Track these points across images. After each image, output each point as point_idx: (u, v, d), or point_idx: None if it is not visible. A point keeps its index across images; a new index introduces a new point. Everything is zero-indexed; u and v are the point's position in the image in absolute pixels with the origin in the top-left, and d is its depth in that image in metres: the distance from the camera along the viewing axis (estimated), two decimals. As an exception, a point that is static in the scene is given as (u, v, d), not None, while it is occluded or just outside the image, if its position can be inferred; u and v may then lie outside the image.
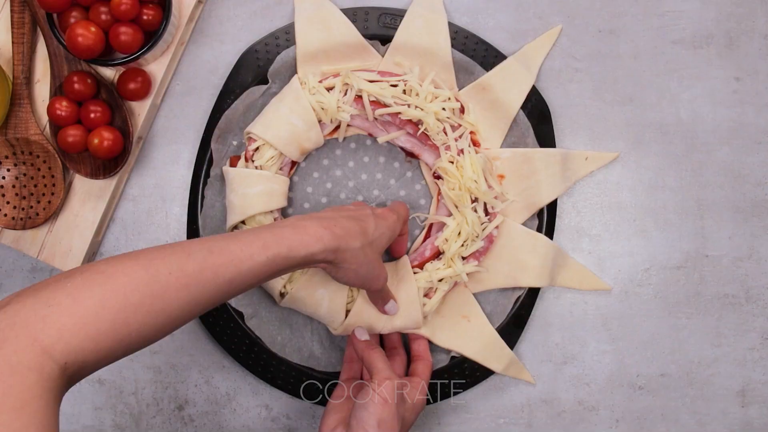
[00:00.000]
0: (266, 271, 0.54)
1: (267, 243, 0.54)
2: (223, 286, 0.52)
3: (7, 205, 0.70)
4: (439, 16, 0.71)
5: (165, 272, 0.49)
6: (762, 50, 0.73)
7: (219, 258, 0.51)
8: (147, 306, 0.48)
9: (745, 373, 0.73)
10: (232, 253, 0.52)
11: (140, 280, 0.48)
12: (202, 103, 0.74)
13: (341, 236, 0.57)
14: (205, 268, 0.51)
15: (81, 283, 0.47)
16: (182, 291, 0.50)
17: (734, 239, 0.73)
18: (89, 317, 0.45)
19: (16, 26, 0.69)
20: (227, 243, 0.53)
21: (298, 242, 0.55)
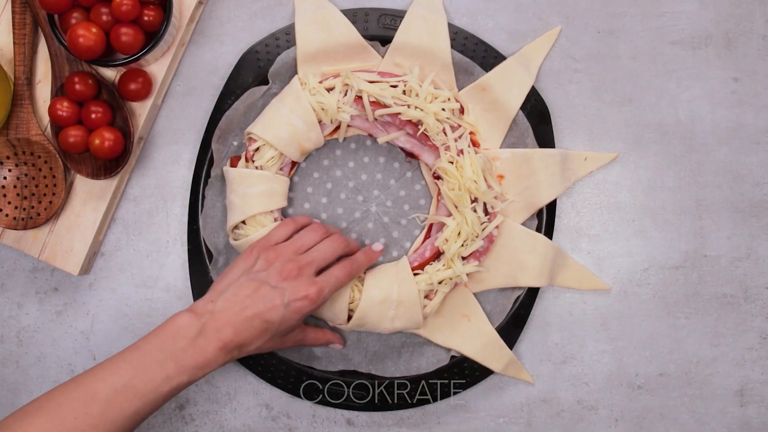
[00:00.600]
0: (170, 396, 0.58)
1: (170, 374, 0.57)
2: (130, 417, 0.56)
3: (9, 206, 0.70)
4: (439, 16, 0.71)
5: (71, 418, 0.54)
6: (760, 51, 0.73)
7: (123, 395, 0.56)
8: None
9: (744, 372, 0.73)
10: (136, 388, 0.56)
11: None
12: (203, 104, 0.74)
13: (241, 345, 0.60)
14: (111, 407, 0.56)
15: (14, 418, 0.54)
16: (90, 431, 0.55)
17: (733, 239, 0.73)
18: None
19: (17, 27, 0.70)
20: (131, 378, 0.57)
21: (199, 367, 0.58)
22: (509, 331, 0.72)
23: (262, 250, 0.64)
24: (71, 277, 0.74)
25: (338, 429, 0.74)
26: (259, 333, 0.60)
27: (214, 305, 0.60)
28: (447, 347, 0.71)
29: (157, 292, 0.74)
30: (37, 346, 0.74)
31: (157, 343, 0.58)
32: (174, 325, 0.59)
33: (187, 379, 0.58)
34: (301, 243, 0.65)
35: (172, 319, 0.59)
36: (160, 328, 0.59)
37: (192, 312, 0.60)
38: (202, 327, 0.59)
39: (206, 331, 0.59)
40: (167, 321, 0.60)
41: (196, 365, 0.58)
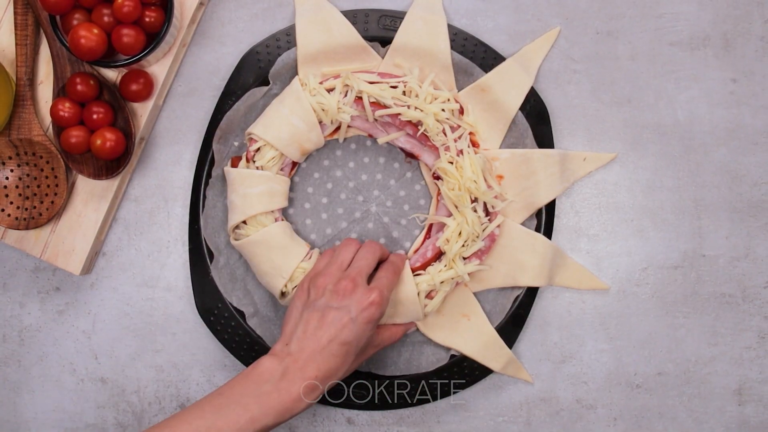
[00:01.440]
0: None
1: (254, 416, 0.57)
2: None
3: (11, 206, 0.70)
4: (439, 17, 0.72)
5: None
6: (758, 52, 0.74)
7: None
8: None
9: (742, 371, 0.73)
10: (220, 430, 0.56)
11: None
12: (204, 104, 0.74)
13: (326, 377, 0.60)
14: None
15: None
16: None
17: (731, 239, 0.74)
18: None
19: (19, 28, 0.70)
20: (215, 420, 0.56)
21: (285, 409, 0.58)
22: (509, 331, 0.72)
23: (311, 281, 0.64)
24: (73, 276, 0.75)
25: (338, 428, 0.74)
26: (342, 358, 0.60)
27: (289, 348, 0.60)
28: (447, 346, 0.72)
29: (158, 292, 0.74)
30: (38, 345, 0.75)
31: (241, 387, 0.58)
32: (258, 369, 0.59)
33: (272, 421, 0.57)
34: (342, 260, 0.65)
35: (255, 365, 0.59)
36: (243, 374, 0.59)
37: (274, 356, 0.60)
38: (285, 369, 0.59)
39: (289, 372, 0.58)
40: (251, 366, 0.59)
41: (282, 407, 0.57)
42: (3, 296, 0.75)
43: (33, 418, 0.75)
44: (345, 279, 0.62)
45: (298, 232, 0.73)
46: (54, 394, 0.75)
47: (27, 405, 0.75)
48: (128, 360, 0.74)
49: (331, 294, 0.62)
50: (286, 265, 0.68)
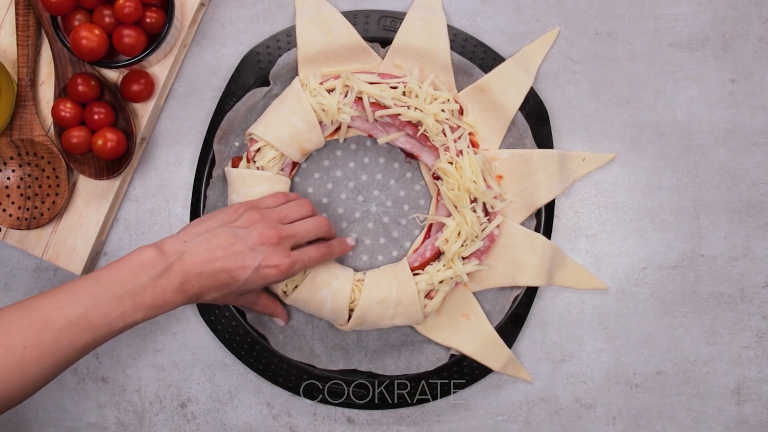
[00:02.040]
0: (121, 332, 0.57)
1: (126, 312, 0.56)
2: (79, 349, 0.55)
3: (12, 206, 0.70)
4: (439, 18, 0.72)
5: (21, 346, 0.53)
6: (757, 52, 0.74)
7: (77, 327, 0.55)
8: (3, 378, 0.53)
9: (740, 371, 0.74)
10: (90, 321, 0.55)
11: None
12: (205, 105, 0.74)
13: (196, 295, 0.59)
14: (61, 338, 0.54)
15: None
16: (37, 361, 0.54)
17: (729, 239, 0.74)
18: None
19: (21, 29, 0.70)
20: (87, 310, 0.55)
21: (156, 307, 0.57)
22: (508, 330, 0.72)
23: (248, 209, 0.64)
24: (74, 276, 0.75)
25: (338, 427, 0.74)
26: (221, 286, 0.60)
27: (184, 246, 0.59)
28: (446, 346, 0.72)
29: (159, 292, 0.75)
30: (40, 344, 0.75)
31: (119, 276, 0.56)
32: (139, 259, 0.57)
33: (142, 317, 0.57)
34: (287, 213, 0.65)
35: (137, 252, 0.58)
36: (123, 260, 0.57)
37: (159, 249, 0.58)
38: (167, 267, 0.57)
39: (170, 273, 0.57)
40: (132, 253, 0.58)
41: (154, 305, 0.57)
42: (4, 296, 0.75)
43: (34, 417, 0.75)
44: (274, 230, 0.62)
45: (299, 232, 0.73)
46: (55, 393, 0.75)
47: (28, 404, 0.75)
48: (129, 359, 0.75)
49: (256, 233, 0.61)
50: (287, 265, 0.68)
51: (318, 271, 0.68)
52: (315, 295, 0.68)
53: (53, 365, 0.54)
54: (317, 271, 0.68)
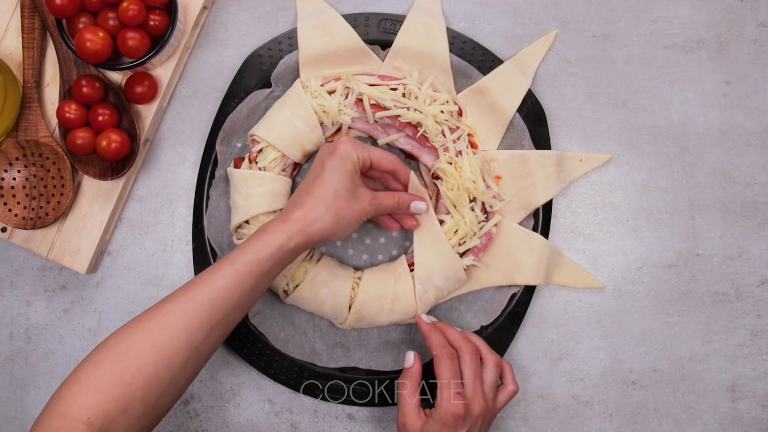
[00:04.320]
0: (246, 279, 0.59)
1: (233, 257, 0.59)
2: (207, 306, 0.58)
3: (18, 206, 0.71)
4: (438, 21, 0.73)
5: (145, 321, 0.57)
6: (751, 54, 0.75)
7: (192, 289, 0.58)
8: (136, 350, 0.56)
9: (735, 368, 0.75)
10: (203, 280, 0.59)
11: (125, 335, 0.57)
12: (207, 106, 0.75)
13: (299, 218, 0.61)
14: (181, 300, 0.58)
15: (86, 361, 0.56)
16: (165, 327, 0.57)
17: (724, 238, 0.75)
18: (91, 382, 0.55)
19: (26, 31, 0.71)
20: (199, 275, 0.60)
21: (260, 245, 0.60)
22: (506, 329, 0.73)
23: None
24: (79, 275, 0.76)
25: (339, 424, 0.75)
26: (317, 182, 0.62)
27: (295, 222, 0.62)
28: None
29: (162, 290, 0.75)
30: (45, 343, 0.76)
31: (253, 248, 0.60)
32: (264, 235, 0.61)
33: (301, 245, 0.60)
34: None
35: (262, 227, 0.62)
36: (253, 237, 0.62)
37: (282, 221, 0.62)
38: (288, 236, 0.61)
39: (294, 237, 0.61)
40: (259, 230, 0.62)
41: (284, 235, 0.60)
42: (10, 295, 0.76)
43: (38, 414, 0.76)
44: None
45: (300, 231, 0.74)
46: (60, 390, 0.76)
47: (34, 402, 0.76)
48: (133, 357, 0.76)
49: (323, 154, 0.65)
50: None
51: (318, 270, 0.69)
52: (315, 294, 0.69)
53: (181, 329, 0.57)
54: (318, 270, 0.69)
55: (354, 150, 0.63)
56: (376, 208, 0.65)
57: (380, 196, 0.65)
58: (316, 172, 0.63)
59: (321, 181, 0.62)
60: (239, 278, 0.58)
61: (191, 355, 0.57)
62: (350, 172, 0.63)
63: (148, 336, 0.56)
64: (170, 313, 0.57)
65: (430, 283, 0.69)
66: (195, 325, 0.57)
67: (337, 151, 0.63)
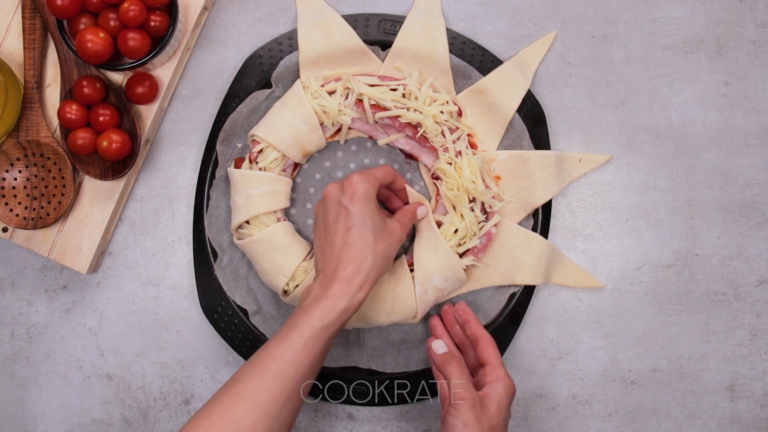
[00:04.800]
0: (315, 347, 0.59)
1: (299, 327, 0.59)
2: (277, 380, 0.57)
3: (19, 206, 0.72)
4: (438, 22, 0.73)
5: (219, 406, 0.56)
6: (750, 55, 0.75)
7: (260, 364, 0.58)
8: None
9: (734, 368, 0.75)
10: (270, 353, 0.58)
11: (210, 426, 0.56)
12: (208, 107, 0.75)
13: (354, 275, 0.61)
14: (251, 379, 0.57)
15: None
16: (238, 406, 0.56)
17: (723, 238, 0.75)
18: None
19: (27, 32, 0.71)
20: (266, 347, 0.59)
21: (326, 311, 0.59)
22: (506, 328, 0.73)
23: (322, 199, 0.66)
24: (80, 275, 0.76)
25: (339, 423, 0.75)
26: (356, 243, 0.62)
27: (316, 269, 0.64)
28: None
29: (163, 290, 0.76)
30: (46, 342, 0.76)
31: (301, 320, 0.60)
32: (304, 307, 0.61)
33: (329, 315, 0.59)
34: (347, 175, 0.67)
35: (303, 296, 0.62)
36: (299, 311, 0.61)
37: (321, 297, 0.61)
38: (318, 282, 0.62)
39: (323, 279, 0.62)
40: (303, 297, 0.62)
41: (324, 312, 0.60)
42: (11, 294, 0.76)
43: (41, 413, 0.76)
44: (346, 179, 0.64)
45: (300, 231, 0.74)
46: (61, 390, 0.76)
47: (35, 401, 0.76)
48: (134, 357, 0.76)
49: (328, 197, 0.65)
50: (288, 264, 0.69)
51: (318, 270, 0.69)
52: (316, 294, 0.69)
53: (254, 405, 0.56)
54: (318, 270, 0.69)
55: (370, 185, 0.64)
56: (406, 230, 0.67)
57: (404, 219, 0.67)
58: (348, 224, 0.62)
59: (358, 231, 0.62)
60: (309, 347, 0.58)
61: (272, 426, 0.56)
62: (375, 209, 0.64)
63: (222, 416, 0.55)
64: (242, 391, 0.56)
65: (429, 284, 0.69)
66: (269, 397, 0.56)
67: (357, 193, 0.63)
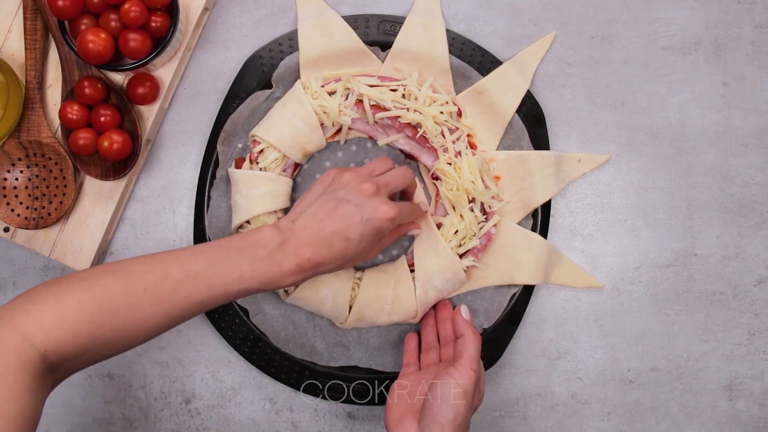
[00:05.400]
0: (236, 297, 0.58)
1: (243, 275, 0.57)
2: (195, 306, 0.57)
3: (20, 206, 0.72)
4: (437, 23, 0.73)
5: (141, 288, 0.55)
6: (749, 56, 0.75)
7: (194, 283, 0.56)
8: (120, 313, 0.54)
9: (732, 367, 0.75)
10: (208, 279, 0.57)
11: (117, 291, 0.55)
12: (209, 107, 0.76)
13: (317, 264, 0.59)
14: (179, 289, 0.56)
15: (64, 287, 0.53)
16: (155, 306, 0.55)
17: (722, 238, 0.75)
18: (68, 315, 0.52)
19: (28, 33, 0.71)
20: (206, 269, 0.57)
21: (271, 278, 0.58)
22: (505, 328, 0.74)
23: (336, 173, 0.64)
24: (80, 275, 0.76)
25: (340, 422, 0.76)
26: (339, 252, 0.59)
27: (294, 224, 0.60)
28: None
29: (163, 290, 0.76)
30: (47, 342, 0.76)
31: (238, 245, 0.58)
32: (257, 235, 0.59)
33: (257, 286, 0.58)
34: (373, 167, 0.65)
35: (256, 230, 0.60)
36: (242, 235, 0.59)
37: (275, 227, 0.60)
38: (282, 242, 0.58)
39: (286, 247, 0.58)
40: (251, 230, 0.60)
41: (270, 277, 0.58)
42: (13, 294, 0.76)
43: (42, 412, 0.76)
44: (370, 182, 0.62)
45: (301, 231, 0.74)
46: (62, 389, 0.76)
47: (36, 400, 0.76)
48: (134, 356, 0.76)
49: (354, 189, 0.61)
50: (289, 264, 0.69)
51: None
52: (316, 294, 0.69)
53: (168, 314, 0.56)
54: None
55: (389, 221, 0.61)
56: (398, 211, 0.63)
57: (404, 206, 0.65)
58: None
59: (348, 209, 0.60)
60: (236, 296, 0.58)
61: (148, 332, 0.56)
62: (375, 241, 0.63)
63: (137, 307, 0.54)
64: (166, 297, 0.55)
65: (430, 285, 0.70)
66: (175, 315, 0.56)
67: (376, 228, 0.61)
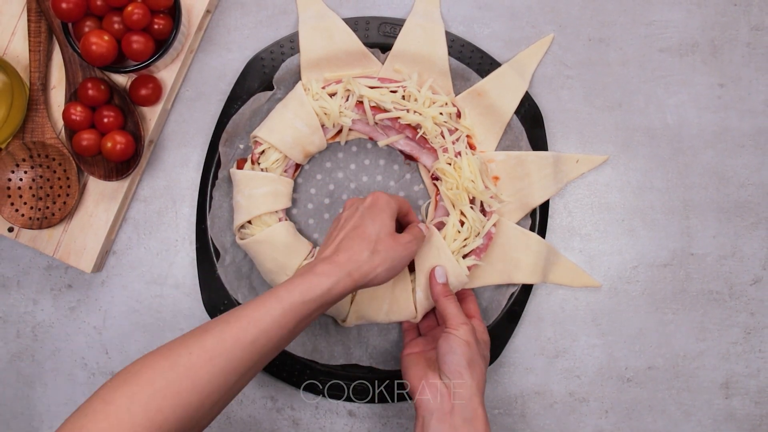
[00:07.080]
0: (290, 321, 0.56)
1: (280, 296, 0.56)
2: (249, 347, 0.54)
3: (25, 206, 0.72)
4: (437, 25, 0.74)
5: (185, 354, 0.53)
6: (745, 57, 0.76)
7: (236, 325, 0.55)
8: (174, 389, 0.52)
9: (729, 366, 0.76)
10: (248, 315, 0.55)
11: (162, 368, 0.52)
12: (211, 108, 0.76)
13: (346, 262, 0.60)
14: (224, 338, 0.54)
15: (112, 385, 0.52)
16: (207, 365, 0.53)
17: (718, 238, 0.76)
18: (121, 414, 0.50)
19: (33, 35, 0.72)
20: (243, 308, 0.56)
21: (308, 286, 0.57)
22: (504, 326, 0.74)
23: (349, 206, 0.67)
24: (84, 274, 0.77)
25: (340, 420, 0.76)
26: (363, 249, 0.61)
27: (343, 267, 0.60)
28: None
29: (166, 289, 0.77)
30: (51, 340, 0.77)
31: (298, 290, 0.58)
32: (314, 276, 0.59)
33: (299, 297, 0.57)
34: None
35: (312, 272, 0.59)
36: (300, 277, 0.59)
37: (331, 263, 0.60)
38: (338, 279, 0.59)
39: (319, 260, 0.60)
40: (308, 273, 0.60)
41: (306, 284, 0.58)
42: (17, 293, 0.77)
43: (46, 410, 0.77)
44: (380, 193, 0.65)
45: (301, 231, 0.75)
46: (66, 387, 0.77)
47: (40, 398, 0.77)
48: (138, 354, 0.76)
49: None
50: (290, 263, 0.70)
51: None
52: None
53: (225, 370, 0.53)
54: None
55: (393, 200, 0.64)
56: (415, 242, 0.65)
57: (413, 230, 0.66)
58: (356, 223, 0.62)
59: (362, 229, 0.62)
60: (284, 319, 0.56)
61: (223, 397, 0.54)
62: (389, 217, 0.63)
63: (189, 374, 0.52)
64: (214, 350, 0.53)
65: None
66: (234, 366, 0.54)
67: (377, 204, 0.63)
